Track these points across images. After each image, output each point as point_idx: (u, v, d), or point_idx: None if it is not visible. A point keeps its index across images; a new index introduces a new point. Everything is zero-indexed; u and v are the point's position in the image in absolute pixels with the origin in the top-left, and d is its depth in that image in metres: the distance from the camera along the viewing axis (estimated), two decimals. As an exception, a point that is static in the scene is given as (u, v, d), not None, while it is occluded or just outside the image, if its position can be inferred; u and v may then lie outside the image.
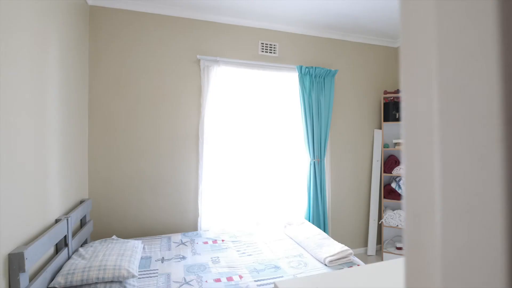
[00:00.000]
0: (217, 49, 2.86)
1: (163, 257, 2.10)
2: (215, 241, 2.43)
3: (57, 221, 1.78)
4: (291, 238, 2.50)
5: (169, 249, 2.25)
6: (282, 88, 3.08)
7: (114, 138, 2.56)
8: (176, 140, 2.75)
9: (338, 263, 1.98)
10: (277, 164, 3.07)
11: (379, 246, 3.55)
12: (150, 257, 2.09)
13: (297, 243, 2.38)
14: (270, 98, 3.02)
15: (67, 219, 1.81)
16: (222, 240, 2.45)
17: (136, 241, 2.14)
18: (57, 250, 1.78)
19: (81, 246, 2.07)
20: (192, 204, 2.81)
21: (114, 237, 2.18)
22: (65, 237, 1.80)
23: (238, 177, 2.92)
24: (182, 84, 2.76)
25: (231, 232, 2.66)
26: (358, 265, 1.97)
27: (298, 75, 3.03)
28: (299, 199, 3.17)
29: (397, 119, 3.30)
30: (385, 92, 3.33)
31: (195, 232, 2.63)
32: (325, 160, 3.19)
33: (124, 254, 1.78)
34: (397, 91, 3.26)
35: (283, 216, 3.10)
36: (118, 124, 2.58)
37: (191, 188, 2.80)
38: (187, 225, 2.80)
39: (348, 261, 2.01)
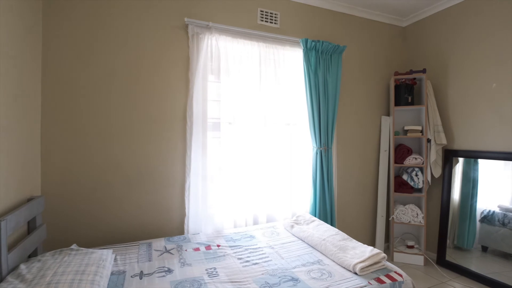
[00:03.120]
0: (208, 13, 2.36)
1: (141, 271, 1.58)
2: (208, 247, 1.94)
3: (-17, 226, 1.21)
4: (301, 239, 2.06)
5: (150, 260, 1.73)
6: (285, 65, 2.63)
7: (77, 120, 1.99)
8: (159, 124, 2.22)
9: (370, 270, 1.56)
10: (278, 154, 2.61)
11: (386, 244, 3.21)
12: (124, 272, 1.56)
13: (311, 246, 1.94)
14: (270, 76, 2.56)
15: None
16: (218, 246, 1.97)
17: (104, 250, 1.61)
18: (-16, 269, 1.22)
19: (27, 260, 1.50)
20: (177, 201, 2.29)
21: (74, 246, 1.62)
22: (-4, 249, 1.24)
23: (233, 169, 2.43)
24: (166, 55, 2.24)
25: (228, 234, 2.17)
26: (395, 272, 1.56)
27: (303, 50, 2.60)
28: (304, 193, 2.74)
29: (410, 103, 2.96)
30: (396, 74, 2.99)
31: (182, 236, 2.12)
32: (332, 149, 2.78)
33: (85, 272, 1.25)
34: (410, 72, 2.92)
35: (287, 213, 2.65)
36: (84, 103, 2.01)
37: (177, 182, 2.29)
38: (171, 227, 2.28)
39: (381, 268, 1.60)
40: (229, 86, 2.39)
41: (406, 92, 2.94)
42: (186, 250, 1.88)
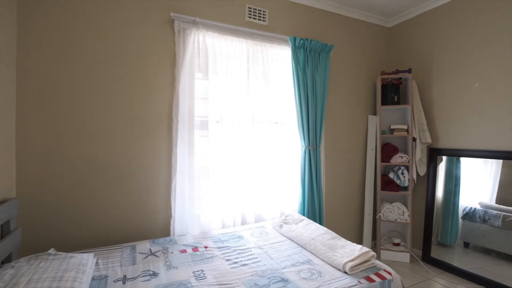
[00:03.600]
0: (195, 8, 2.30)
1: (125, 276, 1.51)
2: (195, 249, 1.88)
3: None
4: (290, 239, 2.04)
5: (134, 263, 1.66)
6: (273, 63, 2.60)
7: (55, 119, 1.89)
8: (143, 122, 2.14)
9: (360, 269, 1.56)
10: (267, 153, 2.58)
11: (373, 242, 3.24)
12: (106, 277, 1.49)
13: (301, 246, 1.92)
14: (259, 73, 2.52)
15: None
16: (205, 247, 1.91)
17: (85, 254, 1.52)
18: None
19: (0, 267, 1.39)
20: (163, 202, 2.22)
21: (51, 250, 1.53)
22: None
23: (221, 168, 2.38)
24: (151, 50, 2.16)
25: (215, 235, 2.12)
26: (384, 270, 1.56)
27: (292, 48, 2.58)
28: (292, 192, 2.72)
29: (396, 103, 3.00)
30: (383, 73, 3.02)
31: (168, 238, 2.05)
32: (320, 148, 2.77)
33: (63, 278, 1.17)
34: (396, 72, 2.96)
35: (276, 213, 2.63)
36: (62, 100, 1.90)
37: (162, 182, 2.21)
38: (157, 229, 2.20)
39: (371, 266, 1.59)
40: (217, 83, 2.34)
41: (392, 92, 2.98)
42: (172, 252, 1.81)
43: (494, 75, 2.43)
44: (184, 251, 1.85)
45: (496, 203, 2.48)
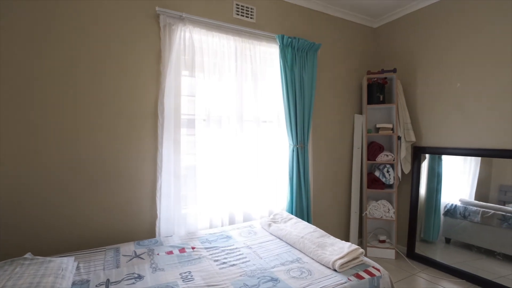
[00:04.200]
0: (182, 3, 2.24)
1: (108, 279, 1.44)
2: (182, 250, 1.83)
3: None
4: (279, 238, 2.02)
5: (118, 266, 1.59)
6: (261, 61, 2.57)
7: (32, 116, 1.78)
8: (126, 120, 2.07)
9: (349, 266, 1.56)
10: (255, 151, 2.55)
11: (360, 240, 3.28)
12: (88, 281, 1.42)
13: (290, 245, 1.91)
14: (246, 71, 2.49)
15: None
16: (192, 248, 1.86)
17: (64, 258, 1.45)
18: None
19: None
20: (148, 202, 2.15)
21: (28, 255, 1.44)
22: None
23: (208, 167, 2.34)
24: (135, 46, 2.09)
25: (203, 235, 2.08)
26: (373, 267, 1.57)
27: (279, 46, 2.57)
28: (281, 190, 2.71)
29: (382, 102, 3.05)
30: (369, 73, 3.06)
31: (153, 240, 1.99)
32: (308, 146, 2.78)
33: (41, 284, 1.10)
34: (382, 71, 3.01)
35: (264, 211, 2.61)
36: (41, 95, 1.80)
37: (147, 182, 2.15)
38: (141, 230, 2.13)
39: (360, 263, 1.60)
40: (204, 81, 2.29)
41: (378, 91, 3.03)
42: (158, 254, 1.75)
43: (475, 76, 2.51)
44: (170, 252, 1.79)
45: (475, 199, 2.57)
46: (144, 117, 2.12)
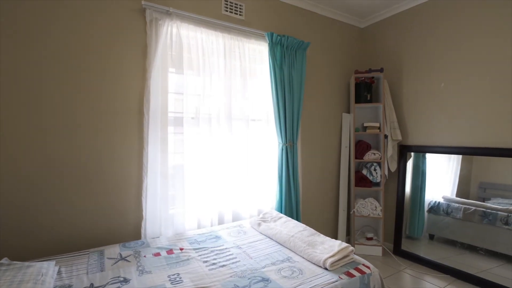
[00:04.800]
0: (168, -3, 2.18)
1: (92, 284, 1.38)
2: (170, 251, 1.78)
3: None
4: (269, 237, 2.00)
5: (102, 270, 1.52)
6: (250, 58, 2.54)
7: (6, 112, 1.68)
8: (110, 117, 1.99)
9: (340, 264, 1.56)
10: (243, 150, 2.52)
11: (348, 237, 3.32)
12: (70, 286, 1.35)
13: (280, 244, 1.89)
14: (235, 69, 2.45)
15: None
16: (181, 249, 1.81)
17: (45, 263, 1.37)
18: None
19: None
20: (133, 202, 2.08)
21: (4, 260, 1.35)
22: None
23: (196, 166, 2.29)
24: (120, 40, 2.01)
25: (191, 236, 2.03)
26: (363, 264, 1.58)
27: (269, 44, 2.54)
28: (270, 189, 2.69)
29: (369, 101, 3.09)
30: (356, 72, 3.09)
31: (140, 241, 1.92)
32: (297, 145, 2.77)
33: (18, 291, 1.03)
34: (369, 71, 3.04)
35: (254, 210, 2.58)
36: (15, 92, 1.70)
37: (132, 181, 2.07)
38: (127, 232, 2.06)
39: (350, 261, 1.60)
40: (191, 78, 2.23)
41: (365, 90, 3.06)
42: (145, 256, 1.70)
43: (458, 76, 2.58)
44: (157, 254, 1.74)
45: (457, 196, 2.64)
46: (128, 114, 2.05)
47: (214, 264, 1.62)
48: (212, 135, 2.33)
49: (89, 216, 1.92)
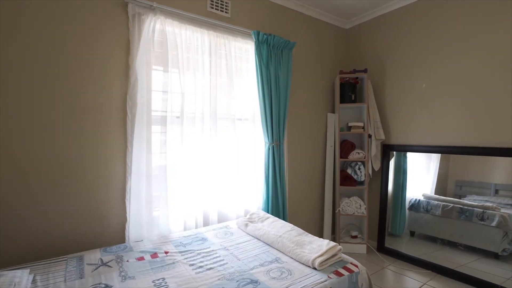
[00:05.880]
0: (152, -8, 2.10)
1: (71, 292, 1.30)
2: (154, 255, 1.72)
3: None
4: (257, 238, 1.98)
5: (82, 277, 1.44)
6: (236, 57, 2.51)
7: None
8: (91, 116, 1.89)
9: (328, 264, 1.56)
10: (230, 150, 2.49)
11: (333, 236, 3.35)
12: (47, 296, 1.26)
13: (268, 244, 1.87)
14: (221, 67, 2.41)
15: None
16: (166, 252, 1.75)
17: (18, 271, 1.28)
18: None
19: None
20: (116, 205, 2.00)
21: (-29, 270, 1.25)
22: None
23: (181, 166, 2.22)
24: (101, 35, 1.92)
25: (176, 238, 1.97)
26: (351, 263, 1.58)
27: (255, 42, 2.52)
28: (256, 189, 2.67)
29: (353, 101, 3.13)
30: (341, 72, 3.13)
31: (122, 245, 1.84)
32: (284, 144, 2.77)
33: (-12, 304, 0.95)
34: (353, 71, 3.09)
35: (240, 211, 2.55)
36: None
37: (115, 182, 1.99)
38: (109, 236, 1.97)
39: (338, 260, 1.61)
40: (176, 76, 2.17)
41: (350, 91, 3.10)
42: (127, 261, 1.62)
43: (439, 77, 2.66)
44: (141, 258, 1.67)
45: (436, 194, 2.73)
46: (110, 113, 1.96)
47: (201, 267, 1.57)
48: (197, 134, 2.28)
49: (69, 219, 1.82)
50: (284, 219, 2.69)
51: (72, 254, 1.71)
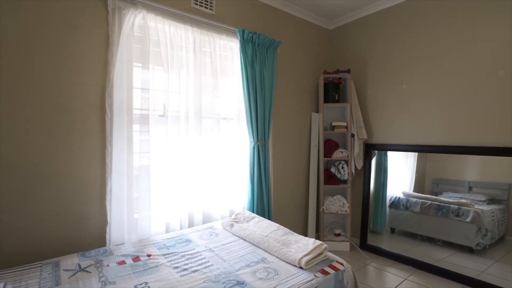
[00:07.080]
0: (133, -15, 2.02)
1: (46, 301, 1.22)
2: (136, 258, 1.65)
3: None
4: (243, 238, 1.96)
5: (58, 284, 1.36)
6: (221, 55, 2.47)
7: None
8: (68, 114, 1.80)
9: (315, 262, 1.56)
10: (214, 149, 2.45)
11: (317, 234, 3.39)
12: (19, 306, 1.18)
13: (254, 245, 1.85)
14: (206, 65, 2.37)
15: None
16: (148, 255, 1.70)
17: (-14, 281, 1.18)
18: None
19: None
20: (96, 207, 1.91)
21: None
22: None
23: (164, 166, 2.16)
24: (78, 30, 1.82)
25: (159, 240, 1.91)
26: (337, 261, 1.60)
27: (240, 40, 2.49)
28: (241, 189, 2.65)
29: (337, 101, 3.18)
30: (325, 72, 3.16)
31: (101, 249, 1.76)
32: (269, 144, 2.76)
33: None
34: (337, 71, 3.13)
35: (225, 211, 2.52)
36: None
37: (94, 183, 1.90)
38: (88, 240, 1.88)
39: (324, 259, 1.62)
40: (159, 73, 2.11)
41: (333, 90, 3.14)
42: (108, 266, 1.55)
43: (419, 78, 2.75)
44: (122, 262, 1.60)
45: (414, 191, 2.82)
46: (88, 111, 1.87)
47: (185, 269, 1.53)
48: (182, 133, 2.22)
49: (44, 222, 1.72)
50: (269, 218, 2.68)
51: (47, 260, 1.61)
